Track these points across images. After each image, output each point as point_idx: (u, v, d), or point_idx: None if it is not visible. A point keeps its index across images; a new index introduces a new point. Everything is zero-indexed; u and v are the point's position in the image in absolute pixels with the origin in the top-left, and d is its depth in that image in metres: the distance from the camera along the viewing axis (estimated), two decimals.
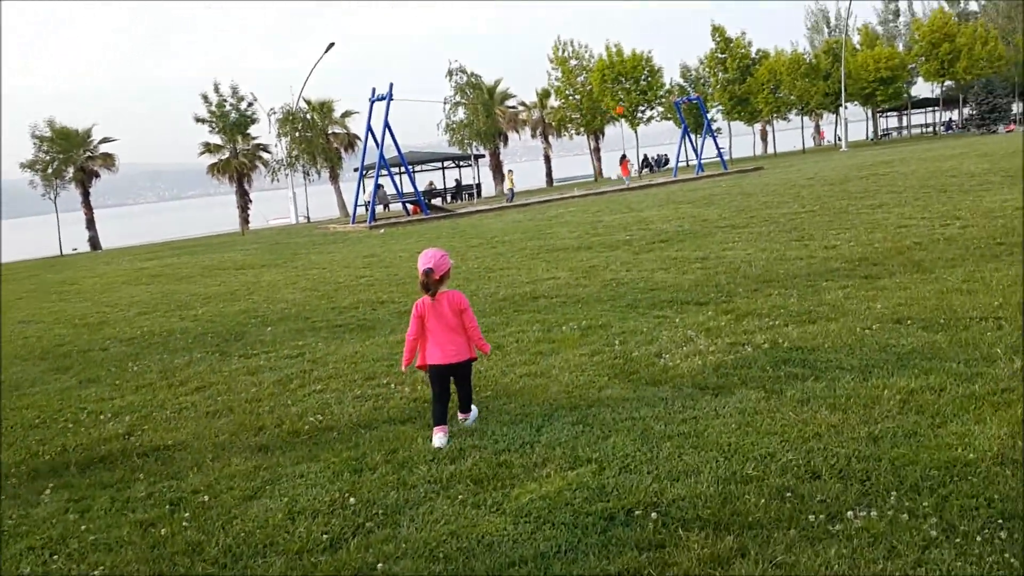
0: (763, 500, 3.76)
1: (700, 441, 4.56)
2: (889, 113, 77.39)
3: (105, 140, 46.85)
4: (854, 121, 66.96)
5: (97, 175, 45.85)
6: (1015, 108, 60.10)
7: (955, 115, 70.12)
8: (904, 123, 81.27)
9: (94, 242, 44.86)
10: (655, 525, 3.64)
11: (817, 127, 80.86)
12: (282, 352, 8.27)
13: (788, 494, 3.80)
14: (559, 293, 10.08)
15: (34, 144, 41.38)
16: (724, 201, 21.23)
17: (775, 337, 6.62)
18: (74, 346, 10.33)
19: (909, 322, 6.69)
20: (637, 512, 3.79)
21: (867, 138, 73.79)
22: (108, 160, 45.76)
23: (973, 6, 72.45)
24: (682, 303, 8.53)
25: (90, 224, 45.12)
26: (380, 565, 3.58)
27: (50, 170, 41.42)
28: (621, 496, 3.97)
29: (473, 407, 5.47)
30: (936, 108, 75.65)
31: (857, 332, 6.53)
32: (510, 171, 39.73)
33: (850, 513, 3.56)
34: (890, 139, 71.31)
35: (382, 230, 26.97)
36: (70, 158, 43.44)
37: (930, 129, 75.20)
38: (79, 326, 12.09)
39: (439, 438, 5.00)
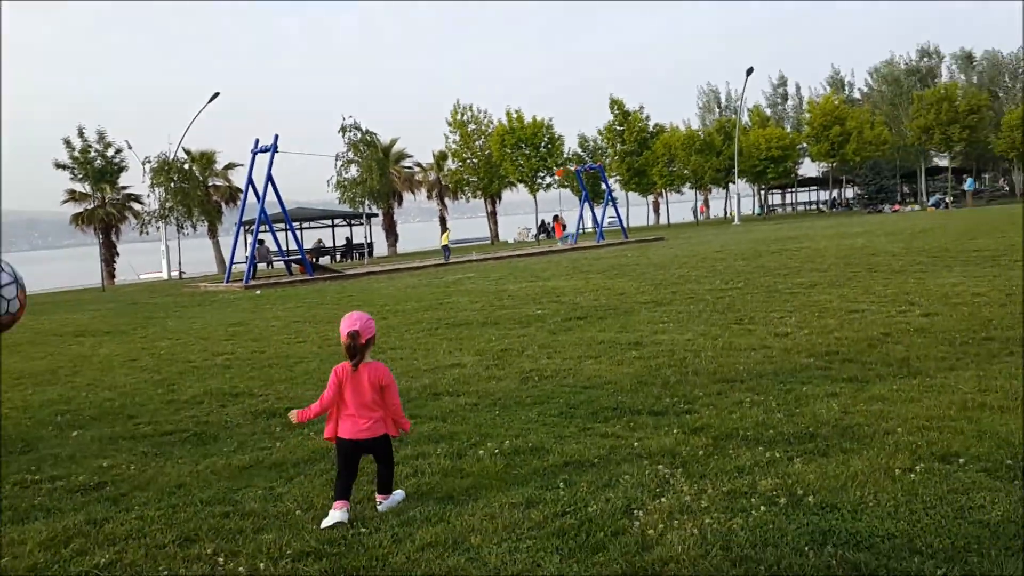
0: None
1: None
2: (774, 190, 79.70)
3: None
4: (742, 196, 68.18)
5: None
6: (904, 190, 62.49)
7: (837, 194, 72.47)
8: (788, 200, 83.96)
9: None
10: None
11: (707, 200, 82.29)
12: (75, 480, 5.74)
13: None
14: (467, 388, 7.91)
15: None
16: (636, 272, 19.66)
17: (786, 482, 4.65)
18: None
19: (960, 460, 4.85)
20: None
21: (754, 213, 75.39)
22: None
23: (857, 94, 75.84)
24: (632, 412, 6.51)
25: None
26: None
27: None
28: None
29: (398, 491, 4.88)
30: (819, 187, 78.50)
31: (898, 476, 4.64)
32: (448, 228, 37.97)
33: None
34: (776, 215, 73.09)
35: (258, 291, 24.23)
36: None
37: (814, 206, 77.77)
38: None
39: (337, 513, 4.51)
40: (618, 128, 60.66)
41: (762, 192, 77.85)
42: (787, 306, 12.02)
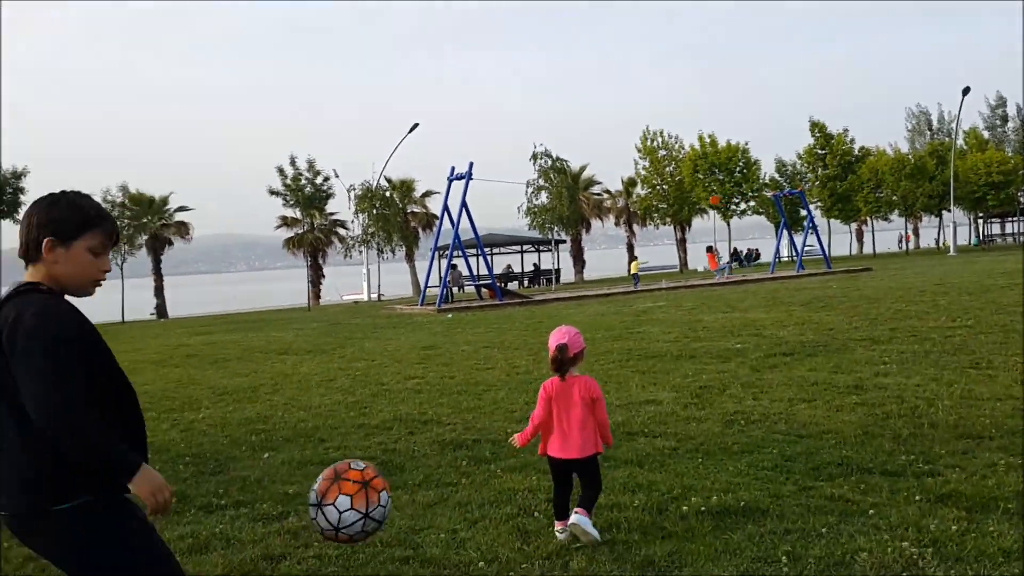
0: None
1: None
2: (993, 219, 72.75)
3: (181, 208, 46.37)
4: (950, 226, 62.54)
5: (170, 243, 45.13)
6: None
7: None
8: (1009, 230, 76.34)
9: (160, 310, 43.86)
10: None
11: (915, 229, 76.28)
12: (259, 507, 5.64)
13: None
14: (664, 429, 7.27)
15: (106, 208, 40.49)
16: (844, 305, 18.14)
17: None
18: None
19: None
20: None
21: (970, 243, 69.11)
22: (182, 228, 45.10)
23: None
24: (860, 470, 5.63)
25: (158, 292, 44.19)
26: None
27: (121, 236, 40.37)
28: None
29: (596, 529, 4.57)
30: None
31: None
32: (636, 256, 37.82)
33: None
34: (994, 245, 66.60)
35: (450, 315, 24.60)
36: (143, 225, 42.79)
37: None
38: None
39: (559, 533, 4.64)
40: (819, 152, 57.50)
41: (979, 221, 71.36)
42: None
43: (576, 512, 4.51)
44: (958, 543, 4.19)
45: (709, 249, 38.97)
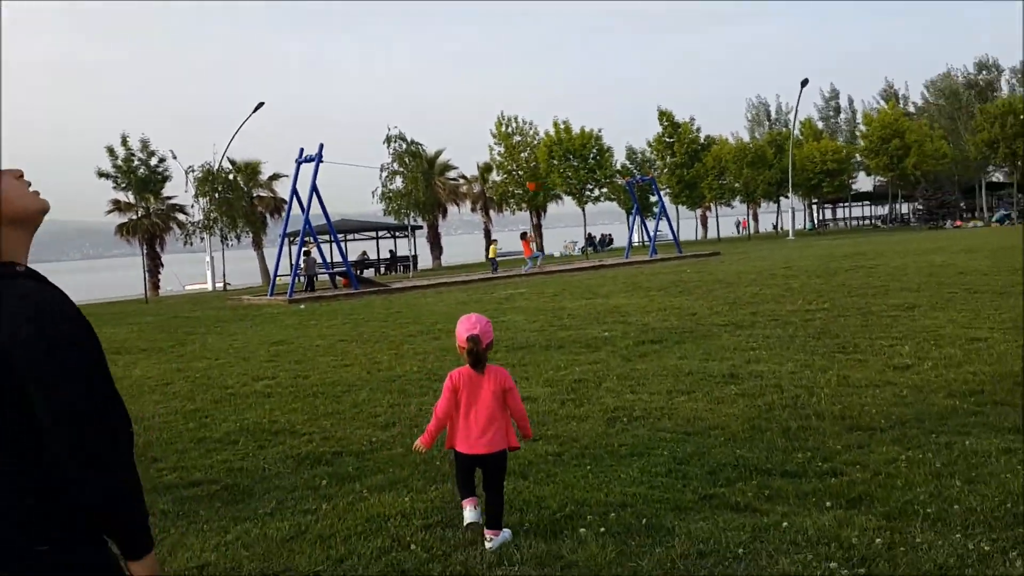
0: None
1: None
2: (826, 204, 77.40)
3: None
4: (788, 211, 65.86)
5: None
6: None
7: (892, 209, 69.98)
8: (840, 215, 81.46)
9: None
10: None
11: (755, 215, 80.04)
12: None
13: None
14: (545, 431, 6.69)
15: None
16: (701, 290, 18.31)
17: None
18: None
19: None
20: None
21: (805, 227, 73.21)
22: None
23: (911, 107, 73.35)
24: (759, 471, 5.24)
25: None
26: None
27: None
28: None
29: (506, 529, 4.42)
30: (872, 202, 76.02)
31: None
32: (494, 240, 36.31)
33: None
34: (828, 230, 70.83)
35: (302, 305, 23.29)
36: None
37: (868, 221, 75.31)
38: None
39: (469, 512, 4.30)
40: (668, 140, 59.22)
41: (814, 206, 75.74)
42: (892, 332, 10.63)
43: (489, 537, 4.29)
44: (888, 560, 3.80)
45: (523, 236, 36.20)
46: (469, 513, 4.33)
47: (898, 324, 11.26)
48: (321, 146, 26.55)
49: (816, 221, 75.67)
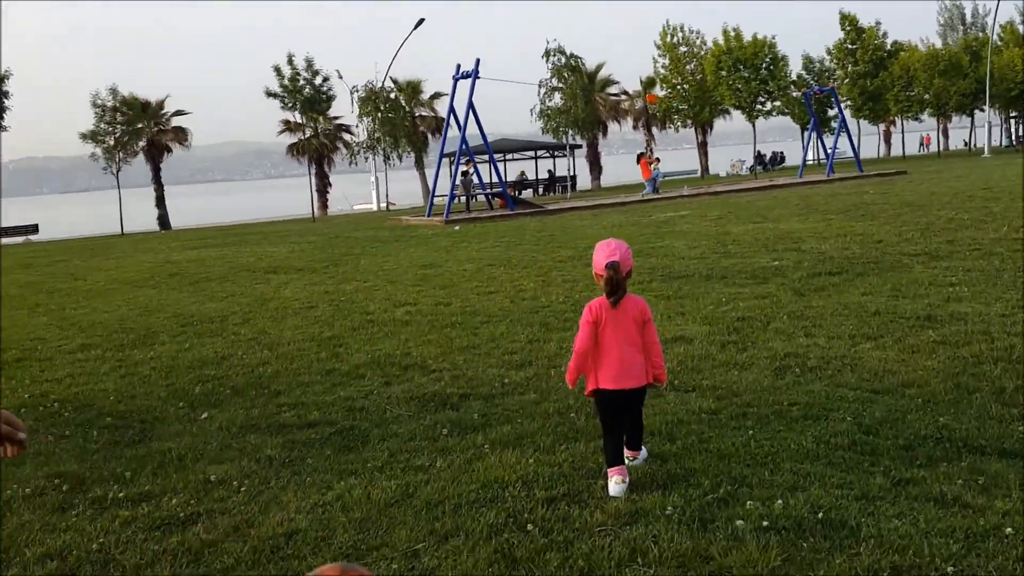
0: None
1: None
2: None
3: (179, 113, 44.21)
4: (982, 126, 59.16)
5: (168, 150, 43.23)
6: None
7: None
8: None
9: (163, 220, 42.37)
10: None
11: (945, 130, 72.95)
12: (165, 506, 4.24)
13: None
14: (699, 380, 5.81)
15: (95, 114, 38.75)
16: (886, 214, 16.43)
17: None
18: None
19: None
20: None
21: (1001, 144, 66.04)
22: (180, 135, 43.09)
23: None
24: (968, 448, 4.17)
25: (159, 202, 42.57)
26: None
27: (112, 142, 38.46)
28: None
29: (643, 447, 4.27)
30: None
31: None
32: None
33: None
34: None
35: (457, 226, 23.06)
36: (139, 131, 40.76)
37: None
38: None
39: (617, 484, 3.90)
40: (850, 47, 54.35)
41: (1012, 121, 68.09)
42: None
43: (630, 456, 4.14)
44: None
45: (641, 156, 33.00)
46: (615, 486, 3.91)
47: None
48: (477, 61, 25.86)
49: (1015, 137, 68.05)
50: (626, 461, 4.08)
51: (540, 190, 47.55)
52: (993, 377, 5.40)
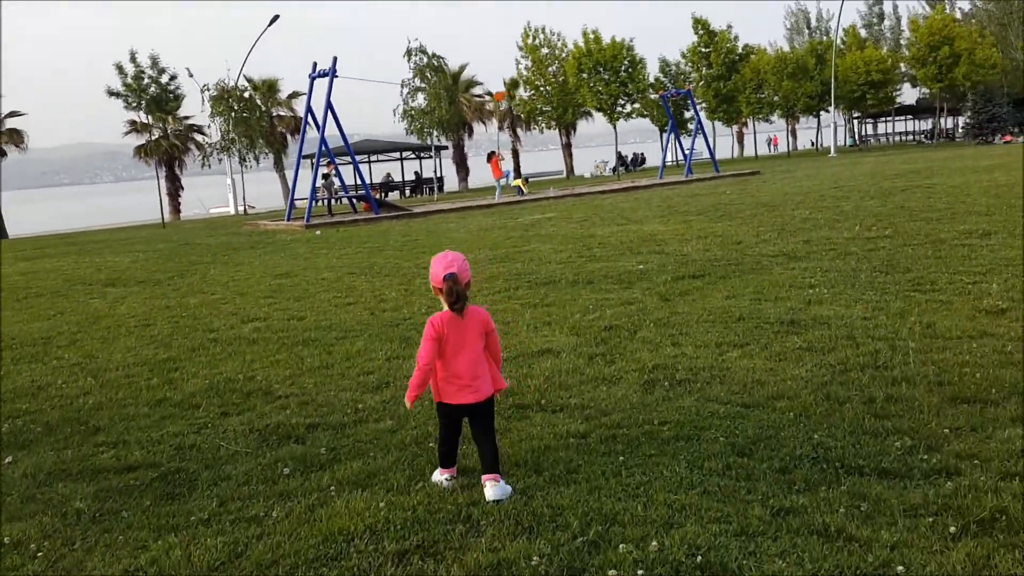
0: None
1: None
2: (867, 119, 73.89)
3: (13, 114, 40.81)
4: (828, 127, 62.56)
5: (3, 154, 39.86)
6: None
7: (936, 124, 66.63)
8: (882, 130, 77.76)
9: None
10: None
11: (793, 131, 76.90)
12: None
13: None
14: (566, 398, 5.46)
15: None
16: (743, 214, 16.81)
17: None
18: None
19: None
20: None
21: (846, 144, 70.15)
22: (16, 137, 39.79)
23: (958, 13, 69.11)
24: (845, 468, 3.98)
25: None
26: None
27: None
28: None
29: (507, 485, 3.96)
30: (914, 116, 72.41)
31: None
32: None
33: None
34: (870, 146, 67.72)
35: (318, 231, 22.14)
36: None
37: (911, 137, 71.87)
38: None
39: (445, 478, 4.07)
40: (704, 50, 56.30)
41: (855, 121, 72.47)
42: (971, 264, 9.19)
43: (488, 482, 3.93)
44: None
45: (491, 155, 31.64)
46: (441, 477, 4.11)
47: (976, 255, 9.79)
48: (335, 60, 24.98)
49: (857, 137, 72.44)
50: (487, 493, 3.90)
51: (407, 192, 46.81)
52: (862, 385, 5.30)
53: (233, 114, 37.30)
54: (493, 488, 3.89)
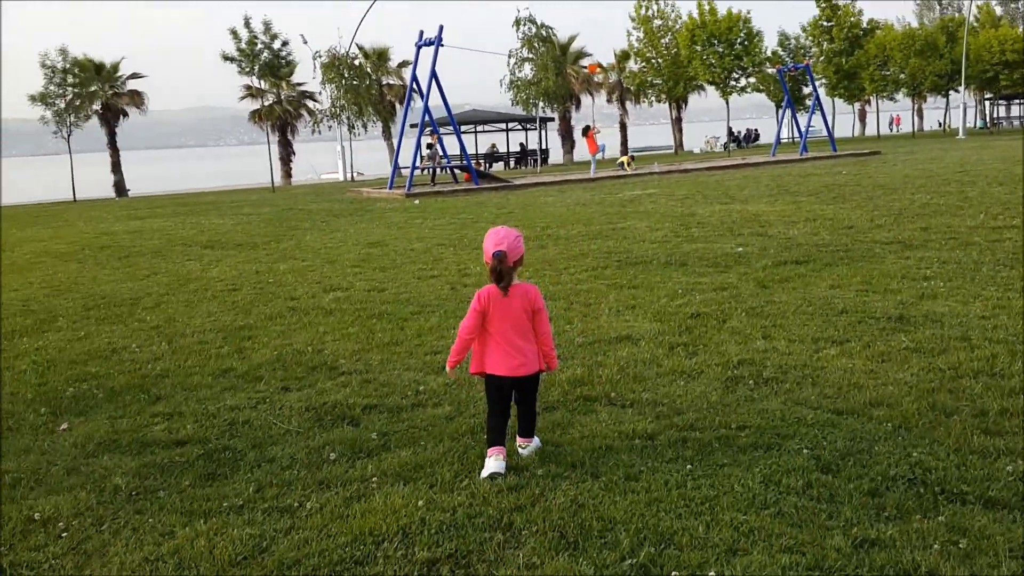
0: None
1: None
2: (999, 101, 69.03)
3: (135, 76, 42.50)
4: (957, 107, 58.69)
5: (124, 114, 41.59)
6: None
7: None
8: (1015, 112, 72.50)
9: (119, 187, 40.88)
10: None
11: (919, 111, 72.65)
12: None
13: None
14: (639, 391, 5.06)
15: (45, 76, 37.12)
16: (858, 196, 15.78)
17: None
18: None
19: None
20: None
21: (975, 126, 65.79)
22: (136, 98, 41.44)
23: None
24: (948, 494, 3.46)
25: (115, 167, 41.00)
26: None
27: (63, 105, 36.82)
28: None
29: (535, 436, 4.22)
30: None
31: None
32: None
33: None
34: (1001, 129, 63.28)
35: (417, 200, 22.16)
36: (93, 94, 39.13)
37: None
38: None
39: (495, 462, 3.92)
40: (825, 24, 53.63)
41: (986, 102, 67.89)
42: None
43: (521, 444, 4.16)
44: None
45: (587, 130, 30.22)
46: (493, 462, 3.92)
47: None
48: (441, 28, 24.82)
49: (988, 119, 67.88)
50: (518, 449, 4.15)
51: (511, 163, 46.58)
52: (974, 395, 4.70)
53: (344, 81, 37.76)
54: (525, 448, 4.14)
